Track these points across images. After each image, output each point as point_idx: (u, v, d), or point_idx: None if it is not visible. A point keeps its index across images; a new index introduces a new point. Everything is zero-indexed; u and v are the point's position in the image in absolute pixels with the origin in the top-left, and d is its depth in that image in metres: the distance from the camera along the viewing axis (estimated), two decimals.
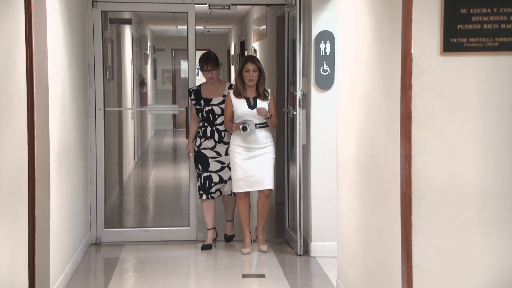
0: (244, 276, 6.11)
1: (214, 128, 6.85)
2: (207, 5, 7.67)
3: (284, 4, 7.13)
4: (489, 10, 3.64)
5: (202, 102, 6.88)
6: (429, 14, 3.63)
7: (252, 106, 6.62)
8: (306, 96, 6.71)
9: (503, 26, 3.64)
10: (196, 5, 7.21)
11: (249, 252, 6.74)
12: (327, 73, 6.58)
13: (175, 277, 6.08)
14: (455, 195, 3.67)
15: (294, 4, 6.74)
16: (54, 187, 5.37)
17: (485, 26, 3.65)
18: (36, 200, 4.93)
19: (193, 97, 6.94)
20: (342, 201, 5.28)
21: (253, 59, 6.74)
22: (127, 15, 11.25)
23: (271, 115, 6.60)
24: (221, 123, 6.82)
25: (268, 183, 6.68)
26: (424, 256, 3.69)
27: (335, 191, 5.59)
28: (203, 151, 6.88)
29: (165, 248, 6.95)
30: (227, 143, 6.81)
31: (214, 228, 7.00)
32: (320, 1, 6.53)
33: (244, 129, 6.52)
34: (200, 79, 7.39)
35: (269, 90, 6.76)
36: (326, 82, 6.59)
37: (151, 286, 5.88)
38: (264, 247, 6.78)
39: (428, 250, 3.69)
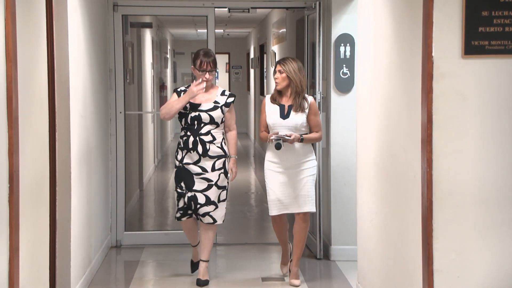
0: (263, 279, 6.10)
1: (197, 138, 5.80)
2: (226, 9, 7.68)
3: (304, 7, 7.13)
4: (510, 13, 3.61)
5: (188, 106, 5.83)
6: (450, 17, 3.61)
7: (285, 115, 5.80)
8: (326, 99, 6.70)
9: None
10: (216, 9, 7.23)
11: (287, 272, 6.08)
12: (347, 76, 6.57)
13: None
14: (476, 198, 3.64)
15: (314, 7, 6.73)
16: (75, 189, 5.40)
17: (506, 29, 3.62)
18: (57, 202, 4.97)
19: None
20: (362, 204, 5.26)
21: (281, 60, 5.90)
22: (147, 19, 11.29)
23: (302, 139, 5.76)
24: (207, 133, 5.82)
25: (306, 205, 5.82)
26: (445, 260, 3.67)
27: (355, 194, 5.57)
28: (186, 166, 5.85)
29: (184, 251, 6.95)
30: (214, 157, 5.83)
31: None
32: (340, 4, 6.52)
33: (278, 147, 5.70)
34: (219, 82, 7.27)
35: (309, 99, 5.86)
36: (346, 85, 6.57)
37: None
38: (297, 282, 5.90)
39: (449, 253, 3.66)
